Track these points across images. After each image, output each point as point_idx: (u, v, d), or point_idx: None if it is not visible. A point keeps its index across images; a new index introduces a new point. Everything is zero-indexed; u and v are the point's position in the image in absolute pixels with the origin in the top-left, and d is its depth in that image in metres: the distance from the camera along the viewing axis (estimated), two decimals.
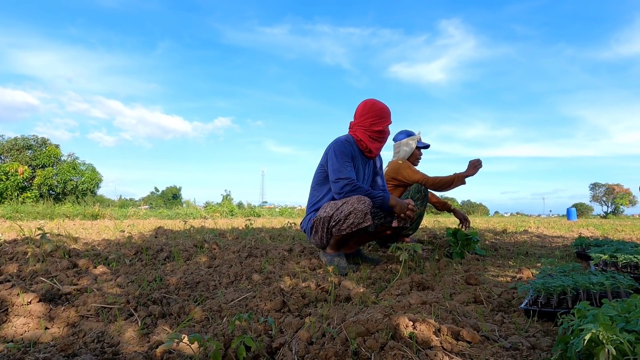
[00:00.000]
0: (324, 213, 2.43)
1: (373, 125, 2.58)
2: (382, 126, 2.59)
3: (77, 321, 1.43)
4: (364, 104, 2.64)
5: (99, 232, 5.14)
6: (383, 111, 2.60)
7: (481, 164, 3.21)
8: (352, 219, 2.31)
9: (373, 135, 2.59)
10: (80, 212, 12.62)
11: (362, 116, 2.61)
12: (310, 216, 2.63)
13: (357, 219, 2.30)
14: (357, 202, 2.31)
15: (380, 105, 2.62)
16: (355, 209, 2.30)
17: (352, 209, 2.31)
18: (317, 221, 2.49)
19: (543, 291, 1.53)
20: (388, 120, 2.63)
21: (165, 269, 2.33)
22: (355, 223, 2.31)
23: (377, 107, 2.61)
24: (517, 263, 2.76)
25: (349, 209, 2.32)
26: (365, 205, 2.30)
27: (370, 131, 2.58)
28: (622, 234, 6.12)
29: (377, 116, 2.58)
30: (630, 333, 0.82)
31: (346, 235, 2.43)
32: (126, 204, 22.88)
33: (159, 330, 1.36)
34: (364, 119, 2.60)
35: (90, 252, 2.67)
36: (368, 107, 2.61)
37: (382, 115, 2.59)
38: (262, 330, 1.30)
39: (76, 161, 28.65)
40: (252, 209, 19.88)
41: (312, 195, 2.69)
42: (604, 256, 2.22)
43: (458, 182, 3.21)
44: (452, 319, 1.36)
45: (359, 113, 2.64)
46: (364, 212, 2.29)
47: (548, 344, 1.17)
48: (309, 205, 2.70)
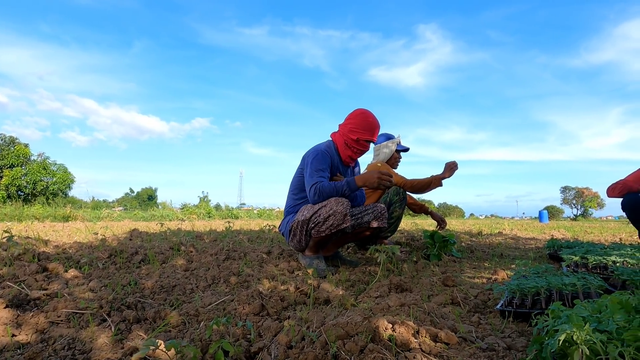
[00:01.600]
0: (302, 216, 2.42)
1: (351, 132, 2.53)
2: (359, 135, 2.51)
3: (46, 327, 1.37)
4: (354, 111, 2.61)
5: (71, 235, 4.98)
6: (367, 123, 2.53)
7: (457, 166, 3.26)
8: (331, 221, 2.31)
9: (348, 141, 2.55)
10: (51, 213, 12.22)
11: (346, 120, 2.59)
12: (288, 219, 2.62)
13: (336, 221, 2.30)
14: (336, 204, 2.31)
15: (368, 117, 2.55)
16: (334, 211, 2.30)
17: (331, 212, 2.31)
18: (295, 224, 2.47)
19: (518, 292, 1.56)
20: (368, 134, 2.53)
21: (140, 273, 2.28)
22: (335, 224, 2.31)
23: (363, 116, 2.55)
24: (492, 265, 2.81)
25: (328, 212, 2.31)
26: (343, 207, 2.30)
27: (346, 137, 2.55)
28: (592, 235, 6.34)
29: (359, 125, 2.52)
30: (602, 333, 0.84)
31: (325, 237, 2.43)
32: (99, 205, 22.27)
33: (133, 336, 1.32)
34: (346, 123, 2.58)
35: (61, 255, 2.58)
36: (355, 114, 2.58)
37: (364, 127, 2.52)
38: (240, 335, 1.28)
39: (47, 161, 27.74)
40: (230, 210, 19.69)
41: (290, 199, 2.68)
42: (575, 258, 2.29)
43: (435, 184, 3.25)
44: (431, 321, 1.37)
45: (346, 117, 2.62)
46: (342, 214, 2.30)
47: (523, 344, 1.20)
48: (287, 209, 2.69)
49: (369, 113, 2.58)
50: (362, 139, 2.53)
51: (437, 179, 3.25)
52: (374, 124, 2.55)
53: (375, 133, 2.58)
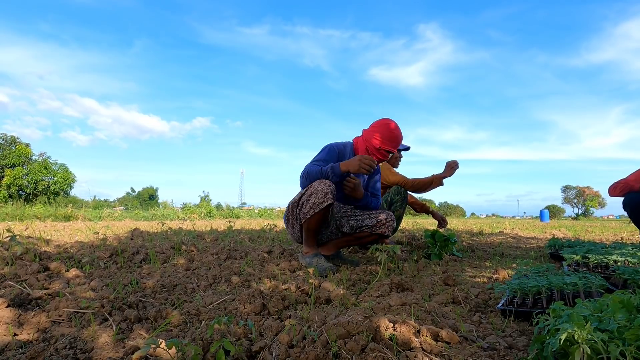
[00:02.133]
0: (292, 200, 2.50)
1: (374, 138, 2.56)
2: (381, 145, 2.54)
3: (48, 327, 1.38)
4: (380, 120, 2.63)
5: (72, 234, 4.99)
6: (391, 134, 2.56)
7: (457, 166, 3.26)
8: (313, 199, 2.36)
9: (370, 148, 2.58)
10: (52, 213, 12.24)
11: (371, 127, 2.62)
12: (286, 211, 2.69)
13: (318, 199, 2.35)
14: (318, 183, 2.37)
15: (393, 128, 2.58)
16: (316, 189, 2.36)
17: (313, 191, 2.37)
18: (288, 209, 2.56)
19: (519, 291, 1.56)
20: (390, 144, 2.56)
21: (142, 272, 2.28)
22: (317, 203, 2.35)
23: (388, 126, 2.58)
24: (493, 264, 2.81)
25: (311, 192, 2.38)
26: (325, 185, 2.35)
27: (368, 143, 2.58)
28: (593, 235, 6.33)
29: (383, 134, 2.55)
30: (603, 332, 0.84)
31: (313, 222, 2.44)
32: (100, 205, 22.31)
33: (134, 336, 1.32)
34: (370, 130, 2.61)
35: (63, 254, 2.59)
36: (380, 123, 2.60)
37: (388, 137, 2.55)
38: (241, 334, 1.29)
39: (48, 161, 27.77)
40: (231, 210, 19.69)
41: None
42: (576, 257, 2.29)
43: (436, 183, 3.25)
44: (432, 320, 1.37)
45: (371, 124, 2.64)
46: (324, 192, 2.34)
47: (524, 343, 1.20)
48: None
49: (394, 124, 2.60)
50: (384, 149, 2.56)
51: (438, 178, 3.25)
52: (398, 136, 2.58)
53: (397, 144, 2.60)
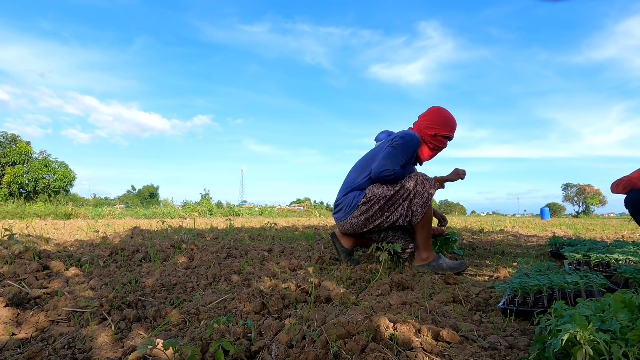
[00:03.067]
0: (388, 191, 2.34)
1: (428, 127, 2.47)
2: (436, 131, 2.46)
3: (46, 326, 1.37)
4: (431, 108, 2.55)
5: (72, 233, 4.99)
6: (445, 118, 2.48)
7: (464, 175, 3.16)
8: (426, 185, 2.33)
9: (425, 137, 2.48)
10: (53, 211, 12.25)
11: (423, 116, 2.54)
12: (355, 194, 2.47)
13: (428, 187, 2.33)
14: (419, 173, 2.36)
15: (445, 113, 2.51)
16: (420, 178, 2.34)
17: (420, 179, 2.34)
18: (374, 199, 2.38)
19: (520, 290, 1.55)
20: (446, 130, 2.48)
21: (141, 271, 2.27)
22: (430, 191, 2.33)
23: (440, 112, 2.51)
24: (494, 262, 2.80)
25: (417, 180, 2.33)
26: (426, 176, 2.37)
27: (422, 133, 2.49)
28: (593, 233, 6.32)
29: (436, 121, 2.47)
30: (605, 332, 0.83)
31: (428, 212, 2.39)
32: (101, 203, 22.31)
33: (133, 335, 1.32)
34: (421, 121, 2.53)
35: (62, 253, 2.58)
36: (431, 111, 2.53)
37: (441, 122, 2.47)
38: (241, 334, 1.28)
39: (48, 159, 27.78)
40: (232, 208, 19.68)
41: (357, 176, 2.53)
42: (577, 255, 2.28)
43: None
44: (432, 319, 1.36)
45: (422, 114, 2.56)
46: (427, 178, 2.35)
47: (525, 343, 1.19)
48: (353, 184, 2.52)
49: (445, 110, 2.53)
50: (440, 135, 2.47)
51: (440, 180, 3.23)
52: (451, 120, 2.51)
53: (453, 129, 2.52)
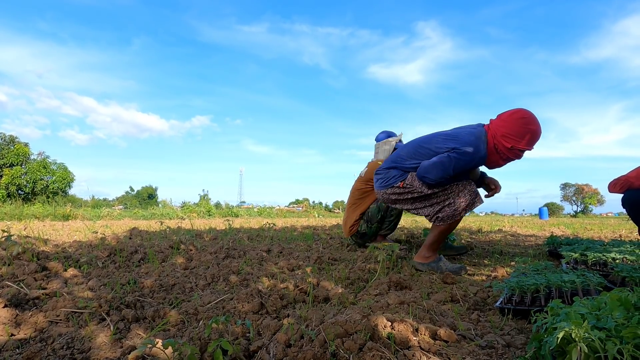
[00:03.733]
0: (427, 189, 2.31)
1: (504, 137, 2.19)
2: (514, 144, 2.18)
3: (45, 327, 1.37)
4: (515, 112, 2.22)
5: (71, 234, 4.99)
6: (529, 131, 2.17)
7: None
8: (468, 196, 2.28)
9: (499, 146, 2.22)
10: (51, 212, 12.22)
11: (503, 120, 2.22)
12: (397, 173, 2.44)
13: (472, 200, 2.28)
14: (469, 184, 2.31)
15: (531, 124, 2.18)
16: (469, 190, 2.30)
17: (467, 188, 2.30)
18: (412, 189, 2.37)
19: (517, 289, 1.56)
20: (525, 143, 2.18)
21: (140, 271, 2.28)
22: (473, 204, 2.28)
23: (524, 122, 2.17)
24: (492, 262, 2.81)
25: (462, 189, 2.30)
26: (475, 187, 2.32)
27: (497, 140, 2.22)
28: (591, 232, 6.34)
29: (517, 132, 2.17)
30: (601, 330, 0.84)
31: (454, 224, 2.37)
32: (99, 204, 22.24)
33: (132, 335, 1.32)
34: (500, 125, 2.22)
35: (61, 254, 2.58)
36: (515, 117, 2.19)
37: (523, 135, 2.17)
38: (239, 333, 1.28)
39: (47, 160, 27.69)
40: (230, 209, 19.67)
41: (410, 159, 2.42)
42: (575, 255, 2.29)
43: None
44: (430, 318, 1.37)
45: (503, 115, 2.26)
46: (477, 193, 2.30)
47: (522, 341, 1.20)
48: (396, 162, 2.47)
49: (533, 118, 2.20)
50: (517, 148, 2.19)
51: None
52: (536, 133, 2.19)
53: (534, 142, 2.22)
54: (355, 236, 3.44)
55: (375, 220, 3.31)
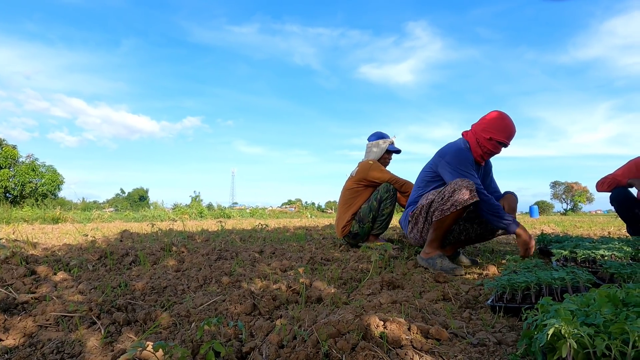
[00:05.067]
0: (426, 200, 2.44)
1: (484, 131, 2.47)
2: (492, 135, 2.45)
3: (34, 331, 1.36)
4: (491, 112, 2.53)
5: (60, 237, 4.93)
6: (504, 125, 2.46)
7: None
8: (456, 196, 2.28)
9: (480, 139, 2.50)
10: (40, 215, 12.07)
11: (481, 120, 2.54)
12: (409, 210, 2.63)
13: (461, 195, 2.26)
14: (461, 181, 2.30)
15: (505, 119, 2.48)
16: (459, 185, 2.29)
17: (455, 187, 2.30)
18: (417, 211, 2.50)
19: (508, 287, 1.57)
20: (502, 136, 2.46)
21: (131, 274, 2.26)
22: (461, 200, 2.25)
23: (500, 118, 2.48)
24: (483, 260, 2.83)
25: (453, 188, 2.31)
26: (468, 183, 2.28)
27: (478, 135, 2.50)
28: (581, 230, 6.41)
29: (494, 126, 2.46)
30: (589, 326, 0.85)
31: (449, 221, 2.36)
32: (90, 206, 22.02)
33: (123, 339, 1.31)
34: (480, 122, 2.53)
35: (50, 258, 2.55)
36: (492, 116, 2.51)
37: (499, 128, 2.45)
38: (232, 335, 1.28)
39: (35, 162, 27.34)
40: (222, 210, 19.60)
41: (414, 192, 2.69)
42: (565, 252, 2.31)
43: None
44: (422, 317, 1.38)
45: (481, 118, 2.56)
46: (467, 188, 2.27)
47: (513, 338, 1.21)
48: (411, 201, 2.70)
49: (506, 116, 2.50)
50: (495, 139, 2.46)
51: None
52: (510, 127, 2.48)
53: (510, 137, 2.49)
54: (347, 236, 3.44)
55: (367, 220, 3.32)
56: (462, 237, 2.69)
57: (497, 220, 2.34)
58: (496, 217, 2.34)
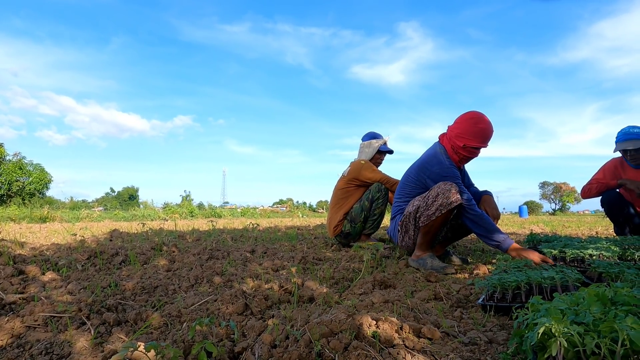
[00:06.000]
0: (412, 207, 2.45)
1: (458, 137, 2.42)
2: (466, 142, 2.40)
3: (22, 332, 1.34)
4: (465, 114, 2.46)
5: (48, 236, 4.86)
6: (478, 129, 2.39)
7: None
8: (440, 199, 2.28)
9: (455, 147, 2.46)
10: (27, 214, 11.91)
11: (455, 123, 2.48)
12: (396, 219, 2.65)
13: (445, 199, 2.27)
14: (444, 184, 2.32)
15: (479, 122, 2.39)
16: (442, 189, 2.30)
17: (439, 191, 2.31)
18: (405, 218, 2.50)
19: (499, 287, 1.59)
20: (477, 141, 2.40)
21: (121, 274, 2.23)
22: (445, 203, 2.26)
23: (473, 121, 2.40)
24: (474, 260, 2.85)
25: (436, 192, 2.31)
26: (452, 185, 2.30)
27: (452, 142, 2.46)
28: (569, 229, 6.49)
29: (467, 131, 2.40)
30: (579, 325, 0.86)
31: (437, 224, 2.36)
32: (78, 205, 21.75)
33: (113, 339, 1.29)
34: (454, 127, 2.48)
35: (38, 257, 2.51)
36: (465, 118, 2.44)
37: (473, 133, 2.39)
38: (224, 335, 1.27)
39: (23, 161, 26.92)
40: (213, 209, 19.50)
41: (396, 205, 2.71)
42: (554, 251, 2.34)
43: None
44: (414, 317, 1.38)
45: (456, 119, 2.50)
46: (450, 191, 2.28)
47: (504, 337, 1.22)
48: (393, 214, 2.72)
49: (481, 117, 2.41)
50: (469, 146, 2.41)
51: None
52: (486, 131, 2.40)
53: (487, 139, 2.43)
54: (339, 236, 3.45)
55: (359, 220, 3.32)
56: (449, 234, 2.71)
57: (487, 240, 2.31)
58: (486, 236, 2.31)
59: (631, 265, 1.76)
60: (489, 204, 2.66)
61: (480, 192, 2.78)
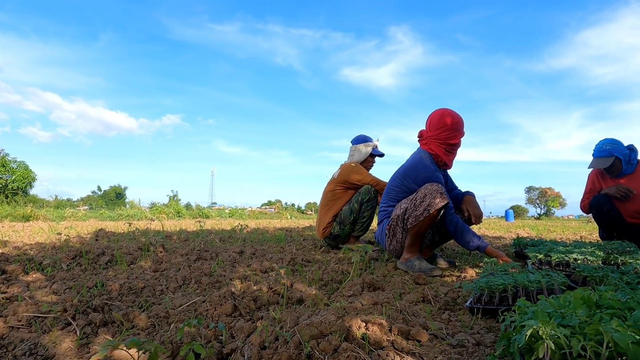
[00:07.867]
0: (399, 210, 2.47)
1: (449, 138, 2.55)
2: (458, 139, 2.58)
3: (5, 333, 1.31)
4: (440, 116, 2.58)
5: (32, 235, 4.77)
6: (459, 124, 2.57)
7: None
8: (427, 200, 2.31)
9: (448, 148, 2.58)
10: (10, 213, 11.68)
11: (439, 129, 2.57)
12: (383, 224, 2.65)
13: (432, 199, 2.30)
14: (430, 185, 2.36)
15: (457, 118, 2.57)
16: (429, 190, 2.33)
17: (426, 192, 2.33)
18: (393, 222, 2.51)
19: (486, 289, 1.60)
20: (462, 133, 2.60)
21: (107, 274, 2.20)
22: (433, 203, 2.29)
23: (453, 120, 2.56)
24: (461, 263, 2.88)
25: (424, 193, 2.34)
26: (438, 187, 2.33)
27: (445, 144, 2.57)
28: (554, 234, 6.59)
29: (454, 130, 2.55)
30: (566, 328, 0.87)
31: (424, 225, 2.38)
32: (63, 204, 21.41)
33: (99, 340, 1.27)
34: (439, 132, 2.57)
35: (22, 256, 2.47)
36: (445, 121, 2.56)
37: (458, 129, 2.57)
38: (212, 336, 1.26)
39: (6, 158, 26.40)
40: (201, 210, 19.36)
41: (382, 210, 2.72)
42: (540, 255, 2.37)
43: None
44: (403, 319, 1.39)
45: (434, 125, 2.59)
46: (438, 192, 2.31)
47: (492, 340, 1.23)
48: (382, 216, 2.72)
49: (454, 114, 2.58)
50: (459, 141, 2.60)
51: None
52: (462, 122, 2.59)
53: (462, 132, 2.61)
54: (328, 238, 3.45)
55: (348, 222, 3.33)
56: (436, 237, 2.74)
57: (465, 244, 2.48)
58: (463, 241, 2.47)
59: (615, 270, 1.80)
60: (470, 203, 2.73)
61: (462, 192, 2.83)
